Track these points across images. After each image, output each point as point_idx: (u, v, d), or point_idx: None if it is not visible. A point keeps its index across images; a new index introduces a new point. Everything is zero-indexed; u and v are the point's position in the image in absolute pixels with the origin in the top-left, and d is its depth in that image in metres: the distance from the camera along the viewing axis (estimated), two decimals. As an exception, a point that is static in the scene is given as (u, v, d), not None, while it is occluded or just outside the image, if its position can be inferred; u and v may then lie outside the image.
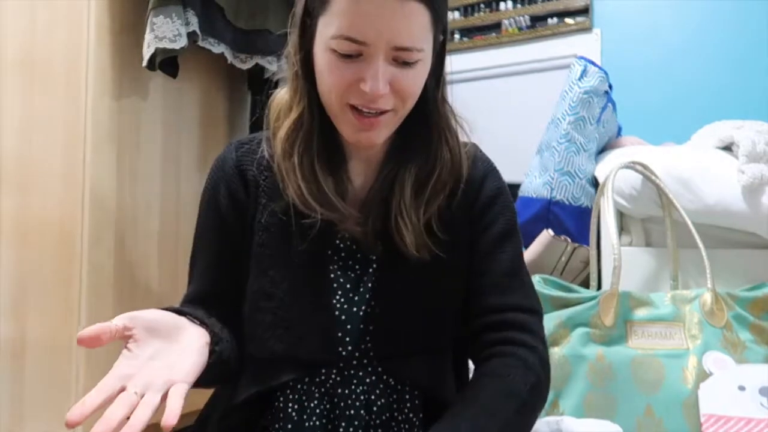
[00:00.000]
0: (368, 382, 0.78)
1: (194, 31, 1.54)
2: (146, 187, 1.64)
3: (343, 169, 0.80)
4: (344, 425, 0.76)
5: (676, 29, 2.25)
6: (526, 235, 1.48)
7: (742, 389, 1.05)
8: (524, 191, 1.64)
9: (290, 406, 0.77)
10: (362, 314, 0.78)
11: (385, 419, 0.77)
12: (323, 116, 0.78)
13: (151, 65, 1.52)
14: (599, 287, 1.34)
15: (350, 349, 0.77)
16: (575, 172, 1.57)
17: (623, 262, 1.20)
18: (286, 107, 0.80)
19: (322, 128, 0.78)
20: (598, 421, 0.97)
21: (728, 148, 1.39)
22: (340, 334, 0.77)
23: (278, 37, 1.66)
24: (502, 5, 2.56)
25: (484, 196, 0.84)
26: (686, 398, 1.07)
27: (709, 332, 1.12)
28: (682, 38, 2.24)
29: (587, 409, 1.08)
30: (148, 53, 1.50)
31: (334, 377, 0.78)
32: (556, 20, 2.46)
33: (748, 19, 2.12)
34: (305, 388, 0.77)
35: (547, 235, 1.45)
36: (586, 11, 2.39)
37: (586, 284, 1.37)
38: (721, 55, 2.16)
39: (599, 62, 2.17)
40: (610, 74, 1.66)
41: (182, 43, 1.49)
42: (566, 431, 0.84)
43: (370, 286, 0.79)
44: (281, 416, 0.77)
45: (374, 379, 0.78)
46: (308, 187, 0.76)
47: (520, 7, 2.52)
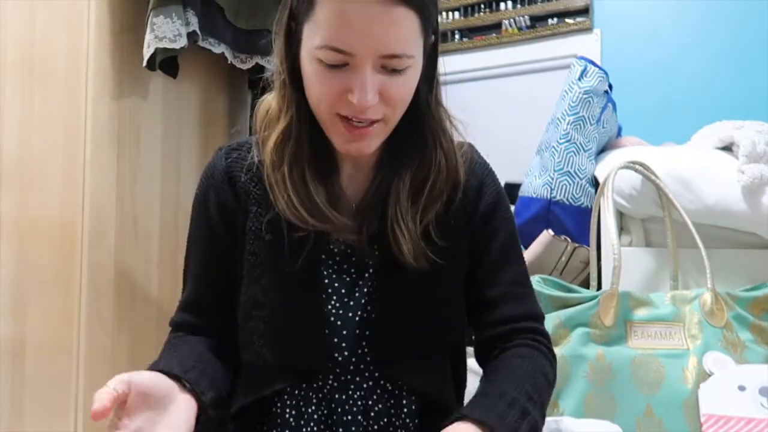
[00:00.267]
0: (365, 387, 0.77)
1: (194, 31, 1.54)
2: (146, 187, 1.64)
3: (334, 177, 0.79)
4: (342, 431, 0.76)
5: (676, 29, 2.25)
6: (526, 235, 1.48)
7: (742, 389, 1.05)
8: (524, 191, 1.64)
9: (287, 412, 0.77)
10: (358, 319, 0.77)
11: (382, 424, 0.77)
12: (313, 123, 0.75)
13: (151, 65, 1.52)
14: (599, 287, 1.34)
15: (346, 354, 0.76)
16: (575, 172, 1.57)
17: (623, 262, 1.20)
18: (274, 116, 0.78)
19: (311, 136, 0.76)
20: (597, 421, 0.97)
21: (728, 148, 1.39)
22: (336, 340, 0.76)
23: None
24: (502, 5, 2.56)
25: (484, 204, 0.83)
26: (686, 398, 1.07)
27: (709, 332, 1.12)
28: (682, 38, 2.23)
29: (587, 409, 1.08)
30: (148, 53, 1.50)
31: (331, 383, 0.77)
32: (556, 20, 2.46)
33: (748, 19, 2.12)
34: (302, 394, 0.77)
35: (547, 235, 1.45)
36: (586, 11, 2.39)
37: (586, 284, 1.37)
38: (721, 55, 2.16)
39: (599, 62, 2.16)
40: (610, 74, 1.66)
41: (182, 43, 1.49)
42: (566, 431, 0.84)
43: (366, 290, 0.78)
44: (278, 422, 0.77)
45: (371, 384, 0.77)
46: (299, 198, 0.74)
47: (520, 7, 2.52)
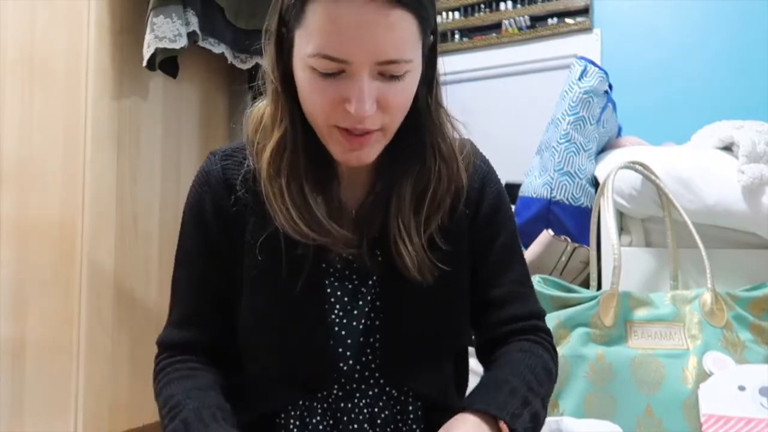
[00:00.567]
0: (371, 394, 0.76)
1: (194, 31, 1.54)
2: (146, 187, 1.64)
3: (333, 187, 0.75)
4: None
5: (676, 29, 2.25)
6: (526, 235, 1.48)
7: (742, 389, 1.05)
8: (524, 191, 1.64)
9: (292, 423, 0.75)
10: (362, 327, 0.75)
11: (389, 431, 0.76)
12: (308, 133, 0.72)
13: (151, 65, 1.52)
14: (599, 287, 1.34)
15: (351, 363, 0.75)
16: (575, 172, 1.57)
17: (623, 262, 1.20)
18: (268, 127, 0.75)
19: (308, 146, 0.73)
20: (598, 421, 0.97)
21: (728, 148, 1.39)
22: (340, 349, 0.75)
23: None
24: (502, 5, 2.55)
25: (486, 205, 0.81)
26: (686, 398, 1.07)
27: (709, 332, 1.12)
28: (682, 38, 2.23)
29: (587, 409, 1.08)
30: (148, 53, 1.50)
31: (335, 392, 0.75)
32: (556, 20, 2.45)
33: (748, 19, 2.12)
34: (307, 404, 0.75)
35: (547, 235, 1.45)
36: (586, 11, 2.39)
37: (586, 284, 1.37)
38: (721, 55, 2.16)
39: (599, 62, 2.16)
40: (610, 74, 1.66)
41: (182, 43, 1.49)
42: (566, 431, 0.84)
43: (369, 298, 0.76)
44: None
45: (377, 391, 0.76)
46: (298, 212, 0.71)
47: (520, 7, 2.52)
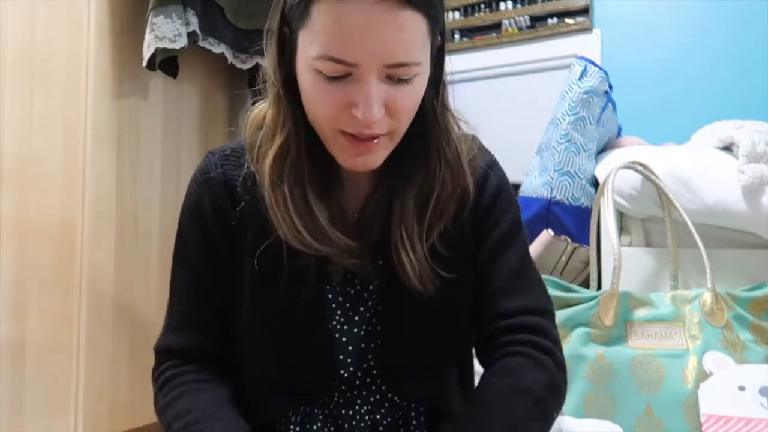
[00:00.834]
0: (372, 401, 0.75)
1: (194, 31, 1.54)
2: (146, 187, 1.64)
3: (336, 193, 0.73)
4: None
5: (676, 29, 2.25)
6: (526, 235, 1.48)
7: (742, 389, 1.05)
8: (524, 191, 1.64)
9: (292, 429, 0.74)
10: (363, 334, 0.74)
11: None
12: (312, 137, 0.70)
13: (151, 65, 1.52)
14: (599, 287, 1.34)
15: (352, 370, 0.74)
16: (575, 172, 1.57)
17: (623, 262, 1.20)
18: (270, 131, 0.72)
19: (311, 151, 0.70)
20: (598, 421, 0.97)
21: (728, 148, 1.39)
22: (341, 356, 0.74)
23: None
24: (502, 5, 2.55)
25: (486, 195, 0.78)
26: (686, 398, 1.07)
27: (709, 332, 1.12)
28: (682, 38, 2.23)
29: (587, 409, 1.08)
30: (148, 53, 1.50)
31: (336, 399, 0.74)
32: (556, 20, 2.45)
33: (748, 19, 2.12)
34: (308, 410, 0.74)
35: (547, 235, 1.45)
36: (586, 11, 2.39)
37: (586, 284, 1.37)
38: (721, 55, 2.16)
39: (599, 62, 2.16)
40: (610, 74, 1.66)
41: (182, 43, 1.49)
42: (567, 431, 0.83)
43: (370, 303, 0.75)
44: None
45: (378, 398, 0.75)
46: (302, 221, 0.69)
47: (520, 7, 2.52)
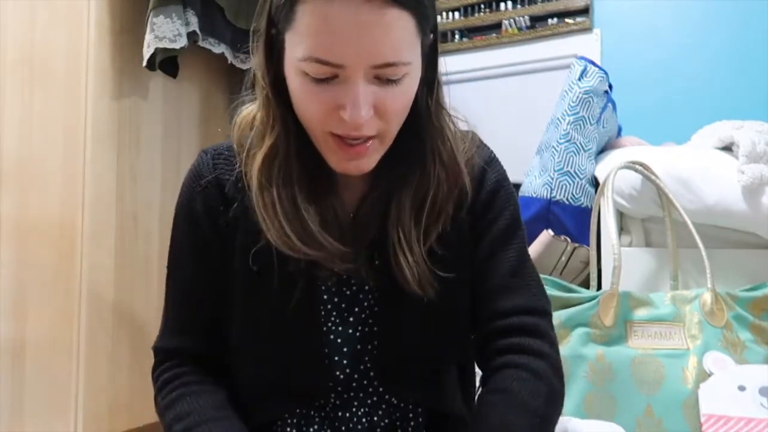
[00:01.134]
0: (369, 403, 0.74)
1: (194, 31, 1.54)
2: (146, 186, 1.64)
3: (328, 196, 0.72)
4: None
5: (676, 29, 2.24)
6: (525, 235, 1.48)
7: (742, 389, 1.05)
8: (524, 191, 1.64)
9: (288, 431, 0.73)
10: (359, 334, 0.73)
11: None
12: (302, 139, 0.69)
13: (151, 65, 1.52)
14: (599, 287, 1.34)
15: (348, 371, 0.73)
16: (575, 172, 1.57)
17: (623, 262, 1.19)
18: (259, 133, 0.71)
19: (301, 152, 0.69)
20: (600, 422, 0.96)
21: (728, 148, 1.39)
22: (336, 357, 0.73)
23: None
24: (502, 5, 2.55)
25: (484, 192, 0.77)
26: (686, 398, 1.07)
27: (709, 332, 1.12)
28: (682, 38, 2.23)
29: (587, 409, 1.08)
30: (148, 53, 1.50)
31: (333, 401, 0.73)
32: (556, 20, 2.45)
33: (748, 19, 2.12)
34: (304, 412, 0.74)
35: (547, 235, 1.45)
36: (586, 11, 2.39)
37: (586, 284, 1.37)
38: (721, 55, 2.16)
39: (599, 62, 2.16)
40: (610, 74, 1.66)
41: (182, 43, 1.50)
42: (572, 431, 0.83)
43: (365, 304, 0.74)
44: None
45: (375, 399, 0.74)
46: (291, 225, 0.67)
47: (520, 7, 2.51)
